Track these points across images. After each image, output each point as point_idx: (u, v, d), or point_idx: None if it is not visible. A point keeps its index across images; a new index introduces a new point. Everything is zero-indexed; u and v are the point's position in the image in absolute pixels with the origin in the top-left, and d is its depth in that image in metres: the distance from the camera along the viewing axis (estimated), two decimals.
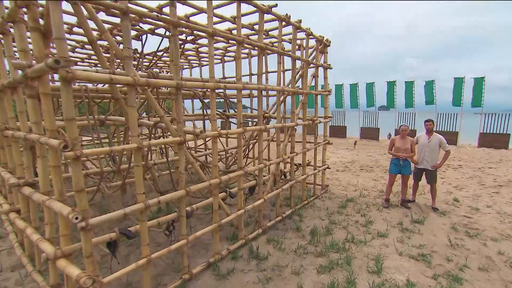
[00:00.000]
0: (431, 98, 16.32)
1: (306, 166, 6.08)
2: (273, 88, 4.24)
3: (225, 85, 3.37)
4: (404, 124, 5.27)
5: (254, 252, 3.75)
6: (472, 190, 6.53)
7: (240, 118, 3.70)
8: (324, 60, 5.80)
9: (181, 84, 2.81)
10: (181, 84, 2.81)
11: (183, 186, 3.01)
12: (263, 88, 3.95)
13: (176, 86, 2.80)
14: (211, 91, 3.27)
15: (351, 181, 7.15)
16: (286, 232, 4.41)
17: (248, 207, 3.98)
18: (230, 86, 3.50)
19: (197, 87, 3.06)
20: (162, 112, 2.89)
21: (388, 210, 5.26)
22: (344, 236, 4.21)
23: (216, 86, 3.20)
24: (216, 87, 3.22)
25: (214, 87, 3.20)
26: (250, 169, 3.99)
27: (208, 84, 3.18)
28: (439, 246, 3.98)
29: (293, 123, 4.79)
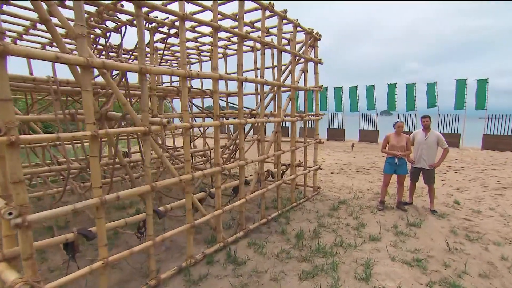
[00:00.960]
0: (433, 101, 16.11)
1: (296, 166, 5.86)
2: (255, 80, 4.04)
3: (198, 73, 3.18)
4: (400, 120, 5.05)
5: (232, 256, 3.50)
6: (474, 192, 6.26)
7: (217, 110, 3.49)
8: (315, 55, 5.62)
9: (145, 69, 2.62)
10: (145, 69, 2.62)
11: (148, 181, 2.79)
12: (243, 80, 3.76)
13: (140, 71, 2.61)
14: (182, 79, 3.07)
15: (346, 183, 6.89)
16: (270, 235, 4.16)
17: (226, 208, 3.74)
18: (203, 75, 3.31)
19: (165, 73, 2.87)
20: (124, 99, 2.69)
21: (382, 213, 5.00)
22: (333, 240, 3.95)
23: (187, 73, 3.01)
24: (188, 75, 3.03)
25: (185, 74, 3.00)
26: (228, 166, 3.76)
27: (178, 71, 2.98)
28: (436, 251, 3.71)
29: (279, 119, 4.57)
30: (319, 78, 5.72)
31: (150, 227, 2.88)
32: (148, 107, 2.71)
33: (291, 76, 4.98)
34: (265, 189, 4.42)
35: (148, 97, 2.69)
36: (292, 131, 5.08)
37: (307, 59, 5.26)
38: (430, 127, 5.03)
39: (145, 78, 2.69)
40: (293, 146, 5.08)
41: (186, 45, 3.07)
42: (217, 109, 3.50)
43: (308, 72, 5.66)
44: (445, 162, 9.54)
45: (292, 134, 5.06)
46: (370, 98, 18.23)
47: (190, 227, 3.26)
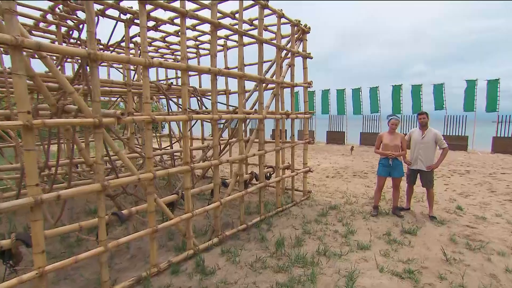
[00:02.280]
0: (441, 103, 15.69)
1: (284, 168, 5.59)
2: (231, 73, 3.83)
3: (161, 62, 2.97)
4: (394, 116, 4.76)
5: (201, 265, 3.23)
6: (480, 197, 5.90)
7: (185, 103, 3.27)
8: (303, 48, 5.41)
9: (94, 55, 2.42)
10: (94, 54, 2.41)
11: (101, 179, 2.56)
12: (217, 72, 3.54)
13: (88, 56, 2.41)
14: (143, 69, 2.87)
15: (340, 188, 6.59)
16: (248, 242, 3.89)
17: (197, 211, 3.49)
18: (169, 65, 3.10)
19: (119, 60, 2.67)
20: (71, 87, 2.48)
21: (375, 219, 4.69)
22: (316, 248, 3.66)
23: (148, 63, 2.80)
24: (148, 64, 2.82)
25: (145, 63, 2.80)
26: (199, 166, 3.53)
27: (136, 60, 2.78)
28: (432, 261, 3.40)
29: (260, 115, 4.34)
30: (307, 74, 5.49)
31: (102, 232, 2.64)
32: (99, 97, 2.50)
33: (275, 70, 4.76)
34: (243, 192, 4.16)
35: (98, 87, 2.48)
36: (276, 130, 4.83)
37: (293, 52, 5.04)
38: (428, 125, 4.74)
39: (95, 66, 2.49)
40: (277, 146, 4.82)
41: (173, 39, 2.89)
42: (185, 102, 3.29)
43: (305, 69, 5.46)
44: (450, 166, 9.17)
45: (276, 133, 4.82)
46: (374, 100, 17.91)
47: (152, 232, 3.01)
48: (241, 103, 4.07)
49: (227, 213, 5.01)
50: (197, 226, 4.40)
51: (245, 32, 3.93)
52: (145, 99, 2.90)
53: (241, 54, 3.99)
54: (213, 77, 3.61)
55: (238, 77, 3.98)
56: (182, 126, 3.31)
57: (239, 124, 4.09)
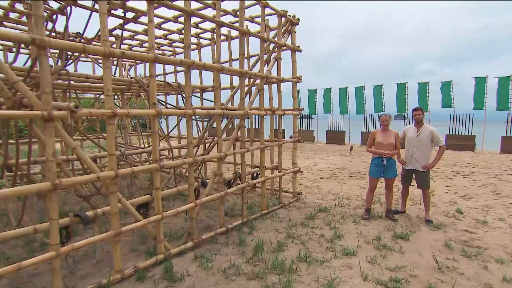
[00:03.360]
0: (449, 101, 15.30)
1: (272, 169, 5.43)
2: (206, 66, 3.68)
3: (123, 52, 2.83)
4: (385, 113, 4.56)
5: (170, 271, 3.07)
6: (483, 200, 5.65)
7: (154, 97, 3.12)
8: (292, 41, 5.23)
9: (41, 41, 2.27)
10: (40, 40, 2.27)
11: (52, 177, 2.42)
12: (190, 64, 3.39)
13: (33, 42, 2.26)
14: (104, 59, 2.73)
15: (334, 189, 6.38)
16: (226, 246, 3.72)
17: (168, 213, 3.34)
18: (135, 55, 2.95)
19: (72, 49, 2.53)
20: (14, 77, 2.35)
21: (367, 223, 4.48)
22: (298, 253, 3.47)
23: (107, 52, 2.66)
24: (108, 54, 2.68)
25: (104, 53, 2.65)
26: (169, 164, 3.38)
27: (94, 49, 2.64)
28: (423, 269, 3.19)
29: (241, 111, 4.17)
30: (297, 68, 5.31)
31: (53, 235, 2.50)
32: (49, 88, 2.36)
33: (259, 63, 4.60)
34: (222, 193, 3.99)
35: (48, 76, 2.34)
36: (261, 127, 4.66)
37: (279, 45, 4.87)
38: (423, 122, 4.53)
39: (44, 53, 2.35)
40: (262, 145, 4.65)
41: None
42: (154, 96, 3.14)
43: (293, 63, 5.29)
44: (454, 167, 8.89)
45: (260, 130, 4.65)
46: (378, 99, 17.60)
47: (115, 235, 2.86)
48: (218, 98, 3.91)
49: (209, 215, 4.85)
50: (175, 228, 4.26)
51: (223, 22, 3.77)
52: (106, 92, 2.75)
53: (219, 46, 3.83)
54: (186, 70, 3.46)
55: (215, 70, 3.83)
56: (151, 121, 3.17)
57: (217, 120, 3.93)
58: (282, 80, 5.01)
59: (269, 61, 4.89)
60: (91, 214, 3.08)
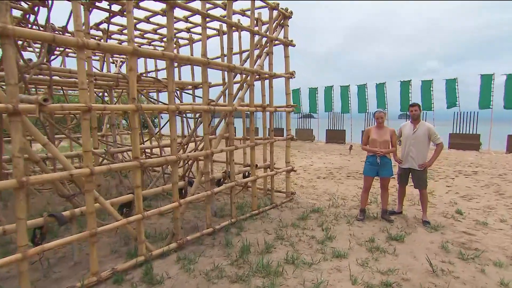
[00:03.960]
0: (454, 100, 15.07)
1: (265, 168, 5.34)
2: (191, 59, 3.58)
3: (99, 43, 2.74)
4: (380, 110, 4.46)
5: (150, 273, 2.99)
6: (485, 200, 5.52)
7: (134, 92, 3.04)
8: (285, 35, 5.13)
9: (3, 28, 2.19)
10: (3, 28, 2.18)
11: (18, 174, 2.34)
12: (172, 57, 3.30)
13: None
14: (77, 50, 2.65)
15: (330, 189, 6.27)
16: (211, 248, 3.64)
17: (149, 212, 3.25)
18: (112, 47, 2.87)
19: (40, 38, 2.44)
20: None
21: (361, 224, 4.38)
22: (286, 255, 3.37)
23: (81, 43, 2.58)
24: (82, 45, 2.60)
25: (77, 43, 2.57)
26: (150, 162, 3.29)
27: (64, 39, 2.56)
28: (416, 273, 3.09)
29: (229, 107, 4.08)
30: (289, 63, 5.21)
31: (21, 236, 2.41)
32: (14, 80, 2.28)
33: (249, 58, 4.51)
34: (209, 192, 3.90)
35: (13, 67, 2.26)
36: (250, 123, 4.57)
37: (271, 38, 4.77)
38: (420, 118, 4.42)
39: (8, 42, 2.27)
40: (252, 142, 4.56)
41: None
42: (133, 90, 3.05)
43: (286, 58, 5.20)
44: (457, 167, 8.74)
45: (250, 127, 4.55)
46: (381, 97, 17.44)
47: (90, 235, 2.78)
48: (205, 93, 3.82)
49: (198, 215, 4.77)
50: (160, 229, 4.17)
51: (208, 14, 3.68)
52: (80, 85, 2.67)
53: (205, 39, 3.74)
54: (168, 63, 3.37)
55: (201, 64, 3.74)
56: (130, 117, 3.08)
57: (203, 116, 3.84)
58: (274, 76, 4.91)
59: (251, 52, 4.76)
60: (68, 214, 3.01)
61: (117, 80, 4.97)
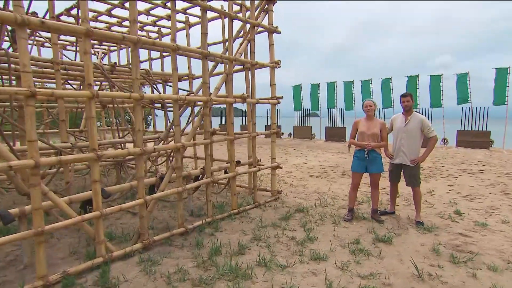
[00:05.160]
0: (465, 96, 14.68)
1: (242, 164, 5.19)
2: (156, 44, 3.45)
3: (43, 21, 2.61)
4: (370, 99, 4.28)
5: (105, 276, 2.85)
6: (488, 200, 5.30)
7: (90, 77, 2.90)
8: (269, 22, 4.98)
9: None
10: None
11: None
12: (135, 41, 3.16)
13: None
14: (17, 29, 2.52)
15: (321, 188, 6.09)
16: (180, 249, 3.50)
17: (108, 209, 3.11)
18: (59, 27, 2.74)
19: None
20: None
21: (348, 224, 4.20)
22: (259, 257, 3.21)
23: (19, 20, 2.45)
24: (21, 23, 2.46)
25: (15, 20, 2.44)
26: (109, 154, 3.16)
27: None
28: (400, 277, 2.91)
29: (203, 97, 3.94)
30: (274, 52, 5.05)
31: None
32: None
33: (228, 45, 4.36)
34: (180, 189, 3.76)
35: None
36: (229, 117, 4.41)
37: (252, 24, 4.62)
38: (412, 109, 4.23)
39: None
40: (230, 136, 4.41)
41: None
42: (89, 76, 2.91)
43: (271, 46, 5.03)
44: (462, 165, 8.50)
45: (228, 120, 4.40)
46: (387, 94, 17.16)
47: (35, 234, 2.64)
48: (175, 82, 3.67)
49: (174, 215, 4.62)
50: (129, 229, 4.04)
51: None
52: (22, 67, 2.54)
53: (174, 22, 3.60)
54: (132, 47, 3.24)
55: (170, 50, 3.60)
56: (86, 105, 2.95)
57: (173, 107, 3.70)
58: (256, 64, 4.75)
59: (229, 39, 4.59)
60: (16, 211, 2.89)
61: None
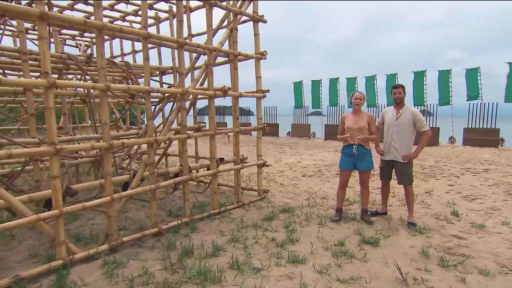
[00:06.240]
0: (475, 92, 14.40)
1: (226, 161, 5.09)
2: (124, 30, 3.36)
3: None
4: (358, 91, 4.16)
5: (61, 281, 2.76)
6: (490, 201, 5.15)
7: (47, 65, 2.82)
8: (254, 10, 4.87)
9: None
10: None
11: None
12: (99, 27, 3.07)
13: None
14: None
15: (312, 188, 5.97)
16: (150, 250, 3.41)
17: (69, 208, 3.02)
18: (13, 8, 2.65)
19: None
20: None
21: (334, 225, 4.09)
22: (232, 259, 3.11)
23: None
24: None
25: None
26: (72, 148, 3.08)
27: None
28: (382, 281, 2.80)
29: (179, 90, 3.85)
30: (260, 42, 4.94)
31: None
32: None
33: (207, 34, 4.26)
34: (153, 186, 3.66)
35: None
36: (210, 111, 4.32)
37: (234, 12, 4.52)
38: (404, 102, 4.10)
39: None
40: (211, 131, 4.31)
41: None
42: (46, 63, 2.82)
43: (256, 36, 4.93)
44: (466, 164, 8.32)
45: (210, 115, 4.30)
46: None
47: None
48: (147, 72, 3.58)
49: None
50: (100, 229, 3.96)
51: None
52: None
53: (145, 8, 3.51)
54: (96, 34, 3.15)
55: (141, 37, 3.51)
56: (44, 95, 2.87)
57: (145, 99, 3.61)
58: (239, 55, 4.64)
59: (208, 27, 4.47)
60: None
61: (65, 61, 4.76)
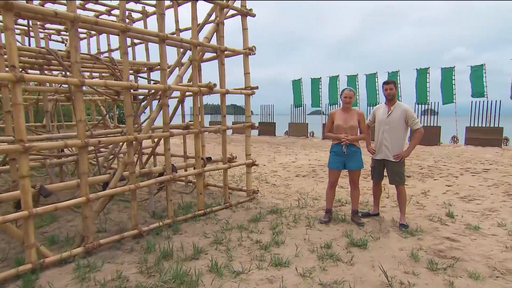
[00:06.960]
0: (480, 90, 14.30)
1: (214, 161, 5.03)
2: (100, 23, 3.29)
3: None
4: (349, 88, 4.09)
5: (29, 286, 2.70)
6: (488, 202, 5.08)
7: (13, 58, 2.75)
8: (242, 4, 4.81)
9: None
10: None
11: None
12: (71, 18, 3.01)
13: None
14: None
15: (305, 189, 5.91)
16: (127, 253, 3.36)
17: (39, 209, 2.96)
18: None
19: None
20: None
21: (323, 227, 4.02)
22: (211, 262, 3.05)
23: None
24: None
25: None
26: (41, 146, 3.01)
27: None
28: (367, 285, 2.74)
29: (161, 86, 3.79)
30: (248, 37, 4.88)
31: None
32: None
33: (191, 28, 4.20)
34: (133, 186, 3.60)
35: None
36: (194, 107, 4.26)
37: (221, 6, 4.46)
38: (396, 99, 4.03)
39: None
40: (197, 129, 4.25)
41: None
42: (12, 56, 2.75)
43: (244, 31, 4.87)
44: (466, 164, 8.26)
45: (194, 112, 4.24)
46: None
47: None
48: (126, 67, 3.52)
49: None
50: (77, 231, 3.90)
51: None
52: None
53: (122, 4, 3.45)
54: (70, 26, 3.09)
55: (119, 31, 3.44)
56: (11, 90, 2.80)
57: (125, 95, 3.55)
58: (225, 50, 4.58)
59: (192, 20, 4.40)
60: None
61: (44, 56, 4.68)
